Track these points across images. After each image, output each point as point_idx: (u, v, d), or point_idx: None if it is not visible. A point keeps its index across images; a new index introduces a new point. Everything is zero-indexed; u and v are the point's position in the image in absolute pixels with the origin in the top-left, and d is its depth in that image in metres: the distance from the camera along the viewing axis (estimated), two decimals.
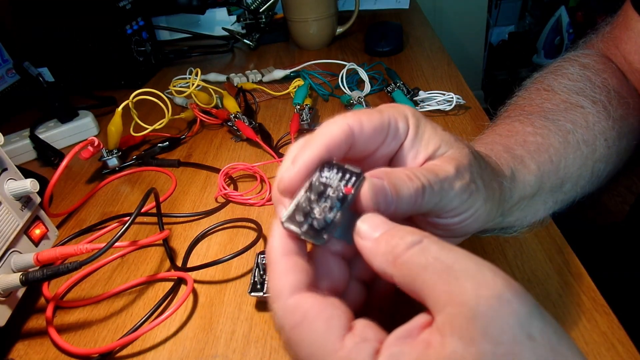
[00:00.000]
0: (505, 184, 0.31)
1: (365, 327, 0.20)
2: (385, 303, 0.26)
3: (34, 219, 0.41)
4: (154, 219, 0.49)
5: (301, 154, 0.23)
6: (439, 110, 0.60)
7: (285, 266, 0.22)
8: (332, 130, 0.24)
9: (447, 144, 0.26)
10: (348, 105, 0.63)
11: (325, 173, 0.23)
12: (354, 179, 0.23)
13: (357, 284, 0.26)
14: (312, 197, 0.23)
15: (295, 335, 0.20)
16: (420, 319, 0.19)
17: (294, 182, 0.23)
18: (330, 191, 0.23)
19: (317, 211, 0.22)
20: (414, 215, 0.27)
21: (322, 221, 0.22)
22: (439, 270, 0.19)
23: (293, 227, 0.22)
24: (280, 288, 0.21)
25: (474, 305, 0.17)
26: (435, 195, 0.24)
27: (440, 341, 0.17)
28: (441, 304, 0.18)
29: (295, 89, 0.68)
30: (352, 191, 0.22)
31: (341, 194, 0.22)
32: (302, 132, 0.60)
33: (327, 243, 0.22)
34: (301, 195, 0.23)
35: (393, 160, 0.27)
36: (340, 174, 0.23)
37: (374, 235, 0.21)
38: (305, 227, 0.22)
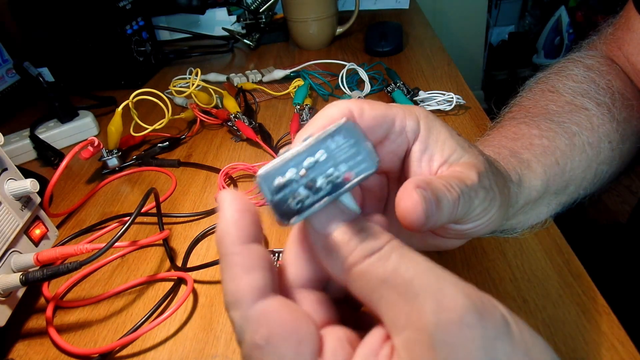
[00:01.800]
0: (513, 189, 0.31)
1: (336, 350, 0.18)
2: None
3: (34, 219, 0.41)
4: (154, 219, 0.49)
5: (299, 137, 0.22)
6: (439, 110, 0.60)
7: (244, 261, 0.18)
8: (332, 112, 0.22)
9: (462, 149, 0.25)
10: None
11: (340, 139, 0.19)
12: (363, 165, 0.18)
13: None
14: (307, 162, 0.18)
15: (256, 357, 0.17)
16: (379, 332, 0.18)
17: None
18: (330, 166, 0.18)
19: (302, 183, 0.18)
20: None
21: (299, 203, 0.18)
22: (397, 286, 0.17)
23: (265, 190, 0.18)
24: (240, 293, 0.18)
25: (433, 332, 0.16)
26: (466, 205, 0.23)
27: None
28: (399, 326, 0.17)
29: (295, 89, 0.68)
30: (352, 180, 0.18)
31: (340, 178, 0.18)
32: None
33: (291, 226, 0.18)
34: (295, 152, 0.18)
35: (406, 162, 0.26)
36: (353, 150, 0.18)
37: (329, 231, 0.19)
38: (279, 196, 0.18)
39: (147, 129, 0.60)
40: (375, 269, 0.17)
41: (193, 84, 0.66)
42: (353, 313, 0.23)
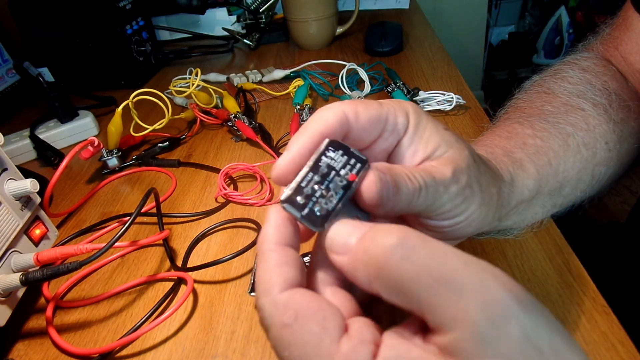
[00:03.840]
0: (504, 190, 0.31)
1: (361, 328, 0.19)
2: None
3: (34, 219, 0.41)
4: (154, 219, 0.49)
5: (294, 141, 0.23)
6: (439, 110, 0.60)
7: (278, 257, 0.20)
8: (327, 116, 0.23)
9: (447, 144, 0.25)
10: None
11: (331, 154, 0.22)
12: (359, 165, 0.22)
13: None
14: (316, 178, 0.21)
15: (285, 336, 0.19)
16: (413, 322, 0.19)
17: (286, 169, 0.22)
18: (334, 175, 0.21)
19: (319, 195, 0.21)
20: (405, 214, 0.26)
21: (324, 208, 0.21)
22: (433, 283, 0.17)
23: (293, 210, 0.21)
24: (271, 282, 0.20)
25: (484, 328, 0.16)
26: (429, 198, 0.23)
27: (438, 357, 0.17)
28: (445, 324, 0.17)
29: (295, 89, 0.68)
30: (356, 179, 0.21)
31: (345, 180, 0.21)
32: None
33: (325, 230, 0.21)
34: (303, 174, 0.22)
35: (391, 156, 0.26)
36: (345, 158, 0.22)
37: (349, 246, 0.20)
38: (305, 211, 0.21)
39: (147, 129, 0.60)
40: (404, 267, 0.17)
41: (193, 84, 0.66)
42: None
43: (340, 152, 0.22)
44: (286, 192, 0.21)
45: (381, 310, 0.23)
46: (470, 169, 0.26)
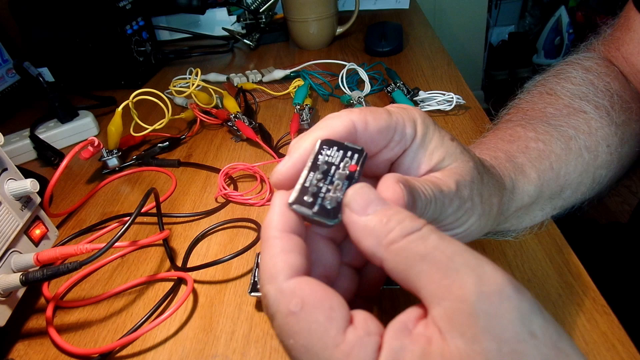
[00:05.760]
0: (504, 199, 0.31)
1: (366, 320, 0.19)
2: (373, 291, 0.25)
3: (34, 219, 0.41)
4: (154, 219, 0.49)
5: (297, 145, 0.23)
6: (439, 110, 0.60)
7: (284, 244, 0.20)
8: (334, 124, 0.23)
9: (451, 157, 0.25)
10: (348, 106, 0.63)
11: (326, 151, 0.22)
12: (356, 155, 0.22)
13: (349, 270, 0.25)
14: (318, 176, 0.22)
15: (291, 324, 0.19)
16: (413, 311, 0.19)
17: (287, 174, 0.22)
18: (334, 169, 0.22)
19: (325, 190, 0.21)
20: None
21: (334, 200, 0.21)
22: (437, 262, 0.18)
23: (303, 209, 0.21)
24: (276, 269, 0.20)
25: (475, 301, 0.16)
26: (437, 210, 0.23)
27: (439, 337, 0.17)
28: (438, 297, 0.17)
29: (295, 89, 0.68)
30: (358, 168, 0.22)
31: (347, 171, 0.22)
32: (302, 132, 0.60)
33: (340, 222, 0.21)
34: (305, 175, 0.22)
35: (394, 165, 0.26)
36: (341, 152, 0.22)
37: (368, 211, 0.20)
38: (316, 207, 0.21)
39: (147, 129, 0.60)
40: (417, 246, 0.18)
41: (193, 84, 0.66)
42: None
43: (335, 147, 0.22)
44: (292, 194, 0.21)
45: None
46: (473, 182, 0.25)
